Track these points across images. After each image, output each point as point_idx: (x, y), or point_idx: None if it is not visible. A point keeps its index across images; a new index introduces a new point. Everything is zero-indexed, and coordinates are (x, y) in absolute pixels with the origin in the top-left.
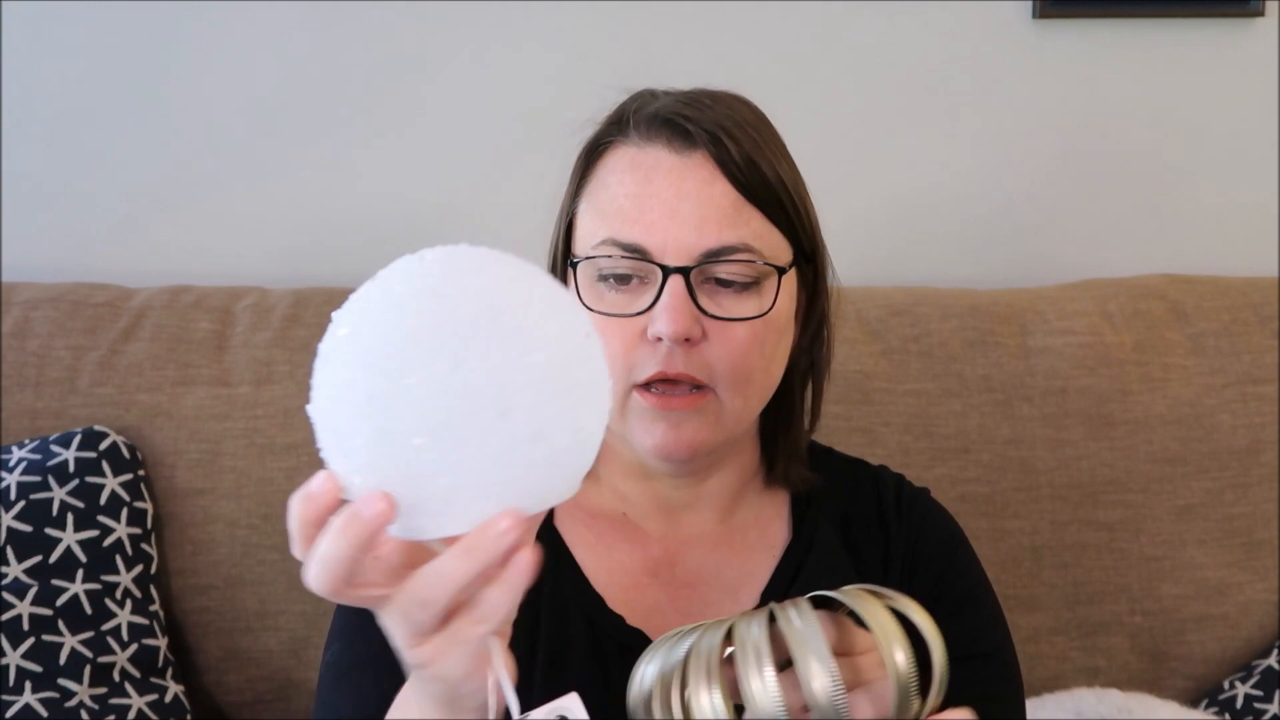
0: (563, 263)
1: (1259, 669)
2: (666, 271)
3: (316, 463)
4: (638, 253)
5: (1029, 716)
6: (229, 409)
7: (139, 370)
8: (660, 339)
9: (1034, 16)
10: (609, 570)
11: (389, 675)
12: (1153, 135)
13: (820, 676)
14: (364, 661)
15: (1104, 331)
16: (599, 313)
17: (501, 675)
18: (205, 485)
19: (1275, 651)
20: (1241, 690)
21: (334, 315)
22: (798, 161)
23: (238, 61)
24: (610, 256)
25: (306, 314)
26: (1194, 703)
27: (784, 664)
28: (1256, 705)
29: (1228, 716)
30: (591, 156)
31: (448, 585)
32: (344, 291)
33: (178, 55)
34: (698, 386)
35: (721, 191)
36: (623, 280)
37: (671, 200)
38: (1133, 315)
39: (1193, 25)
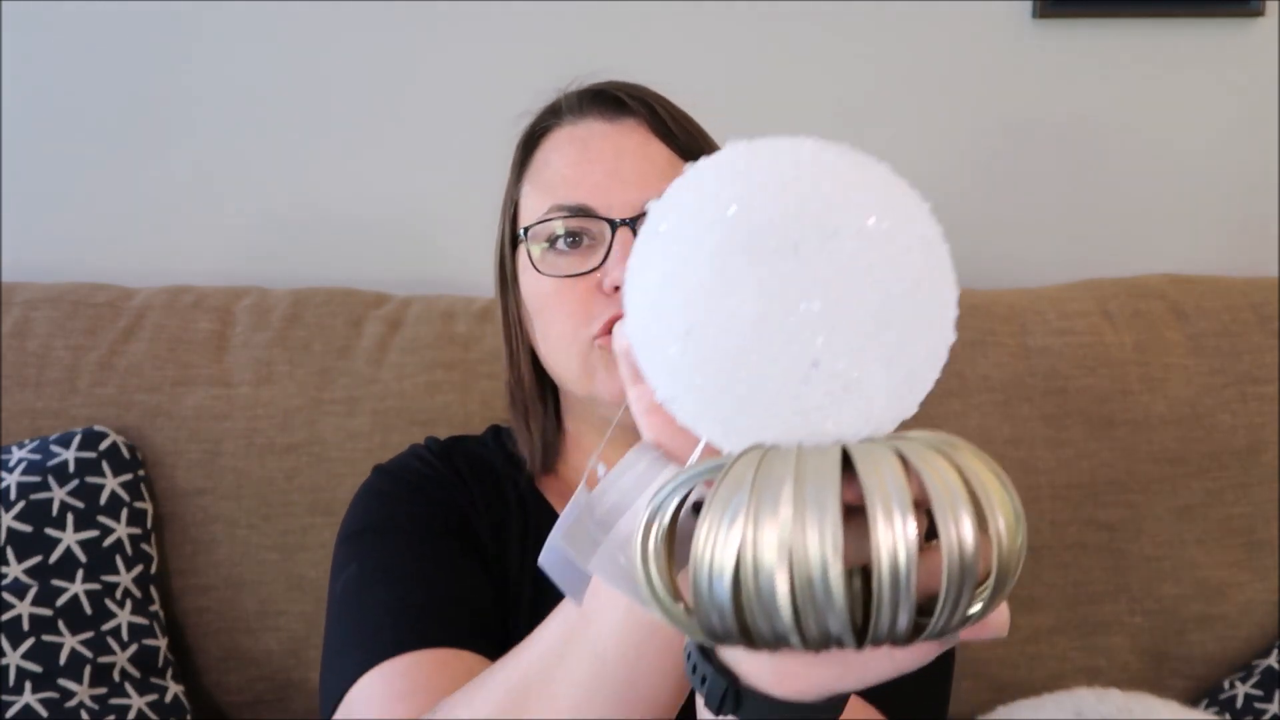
0: (511, 249)
1: (1259, 669)
2: (614, 225)
3: (317, 462)
4: (584, 212)
5: (1029, 717)
6: (229, 409)
7: (139, 370)
8: (617, 288)
9: (1034, 16)
10: None
11: (418, 576)
12: (1153, 135)
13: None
14: (394, 569)
15: (1104, 331)
16: (554, 275)
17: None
18: (205, 485)
19: (1275, 651)
20: (1241, 690)
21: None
22: None
23: (238, 62)
24: (557, 219)
25: (306, 314)
26: (1194, 703)
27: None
28: (1256, 705)
29: (1228, 716)
30: (529, 145)
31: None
32: (344, 291)
33: (178, 56)
34: None
35: (657, 150)
36: (573, 243)
37: (611, 161)
38: (1133, 315)
39: (1193, 25)
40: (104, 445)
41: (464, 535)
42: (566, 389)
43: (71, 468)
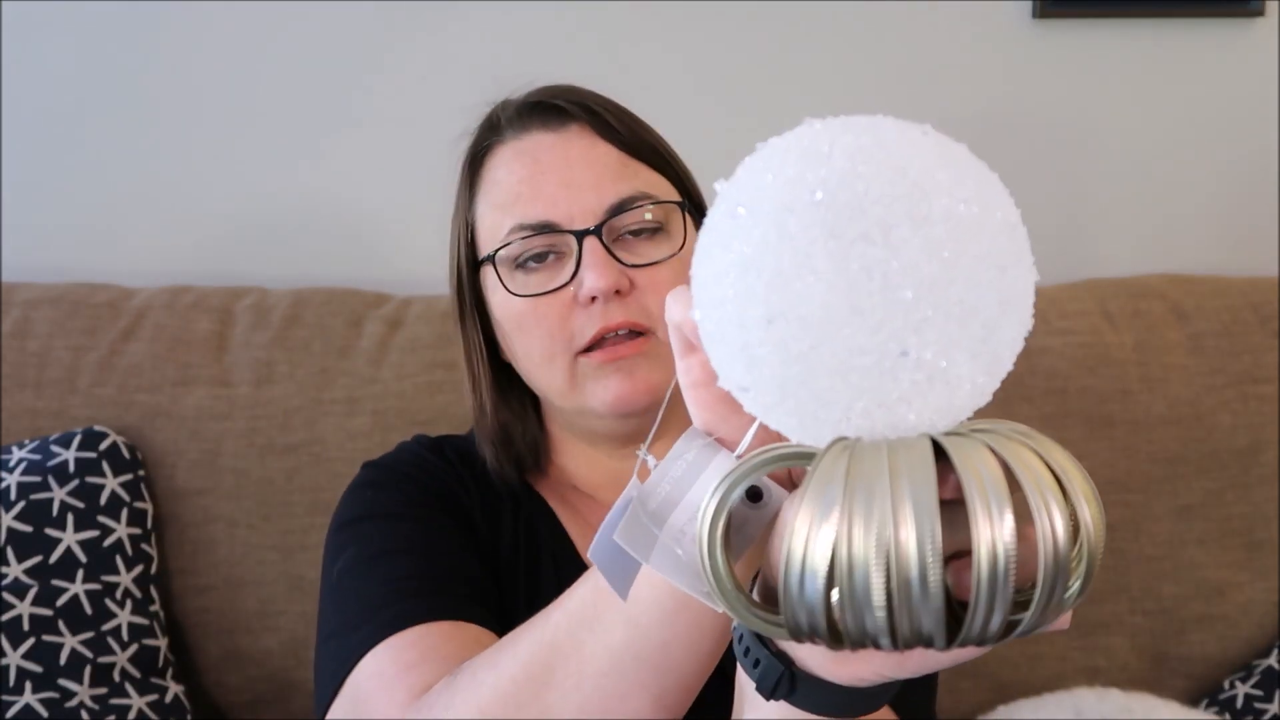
0: (470, 271)
1: (1259, 669)
2: (579, 236)
3: (317, 462)
4: (546, 228)
5: (1029, 717)
6: (229, 409)
7: (139, 370)
8: (593, 299)
9: (1034, 16)
10: (578, 527)
11: (416, 553)
12: (1153, 135)
13: (1004, 527)
14: (392, 550)
15: (1104, 331)
16: (528, 295)
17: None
18: (205, 485)
19: (1275, 651)
20: (1241, 690)
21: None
22: None
23: (238, 63)
24: (521, 240)
25: (306, 314)
26: (1194, 703)
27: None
28: (1256, 705)
29: (1228, 716)
30: (475, 164)
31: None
32: (344, 291)
33: (178, 56)
34: (639, 333)
35: (605, 152)
36: (540, 259)
37: (563, 171)
38: (1133, 315)
39: (1193, 25)
40: (104, 445)
41: (458, 518)
42: (552, 401)
43: (71, 468)
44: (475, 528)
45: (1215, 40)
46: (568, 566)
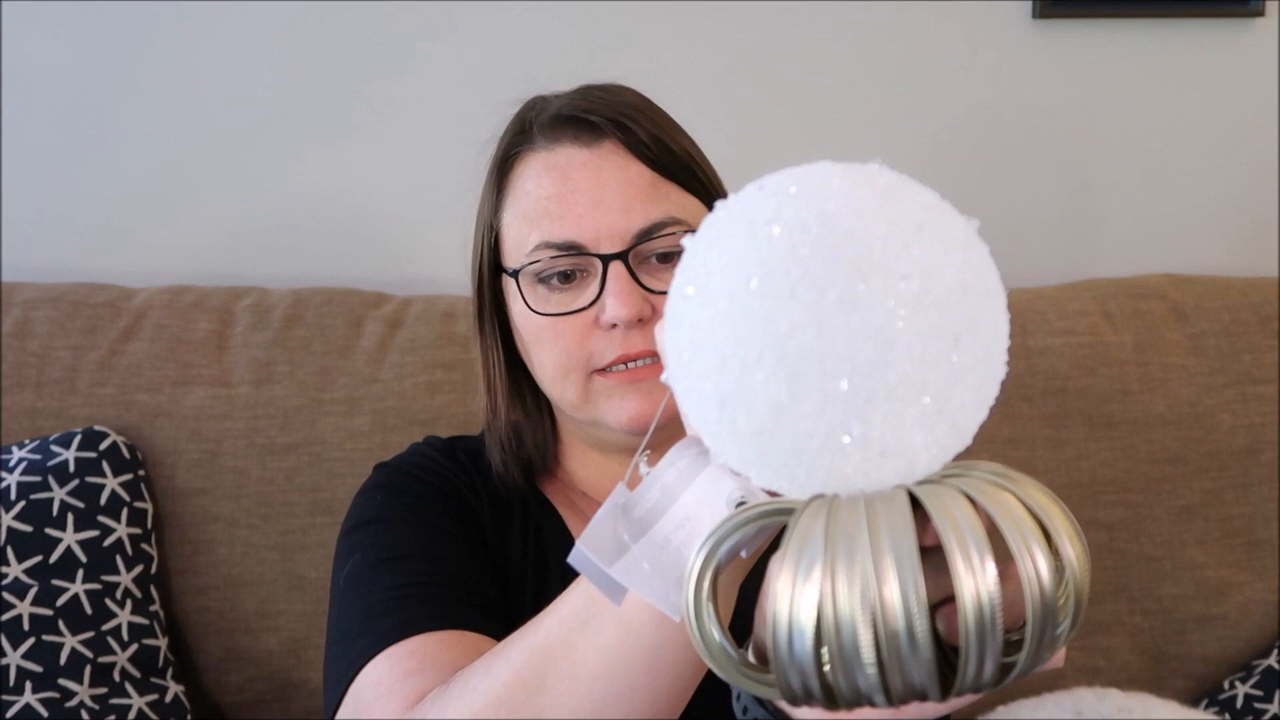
0: (491, 276)
1: (1259, 669)
2: (605, 260)
3: (317, 462)
4: (573, 249)
5: (1029, 717)
6: (229, 409)
7: (139, 370)
8: (615, 325)
9: (1034, 16)
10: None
11: (422, 559)
12: (1153, 135)
13: (985, 574)
14: (398, 555)
15: (1104, 331)
16: (549, 314)
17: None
18: (205, 485)
19: (1275, 651)
20: (1241, 690)
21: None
22: (799, 160)
23: (238, 62)
24: (548, 259)
25: (306, 314)
26: (1194, 703)
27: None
28: (1256, 705)
29: (1228, 716)
30: (503, 169)
31: None
32: (344, 291)
33: (178, 55)
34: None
35: (637, 173)
36: (565, 278)
37: (593, 191)
38: (1133, 315)
39: (1193, 25)
40: (104, 445)
41: (467, 523)
42: (565, 411)
43: (71, 468)
44: (484, 533)
45: (1215, 40)
46: (575, 573)
